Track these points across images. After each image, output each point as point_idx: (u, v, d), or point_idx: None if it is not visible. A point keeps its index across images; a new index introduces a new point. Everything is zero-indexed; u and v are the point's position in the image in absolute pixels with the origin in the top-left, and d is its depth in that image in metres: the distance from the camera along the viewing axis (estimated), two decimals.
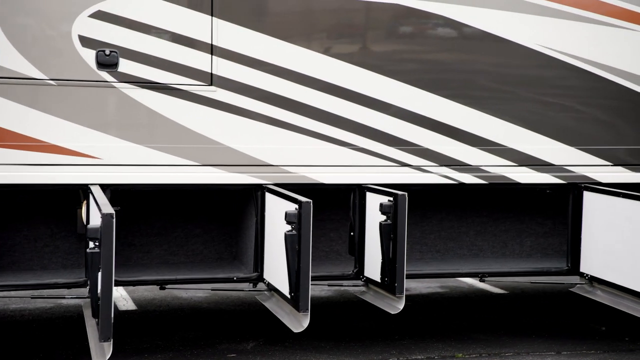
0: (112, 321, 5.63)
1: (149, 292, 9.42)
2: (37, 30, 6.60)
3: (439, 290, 10.08)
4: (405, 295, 9.71)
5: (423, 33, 7.39)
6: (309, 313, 6.36)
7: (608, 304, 7.33)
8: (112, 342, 5.61)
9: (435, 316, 8.95)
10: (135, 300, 9.17)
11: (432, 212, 8.11)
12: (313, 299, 9.26)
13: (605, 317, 8.41)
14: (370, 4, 7.17)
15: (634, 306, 6.97)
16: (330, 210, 7.63)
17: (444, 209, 8.12)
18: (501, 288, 10.16)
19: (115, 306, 9.03)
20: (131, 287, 9.38)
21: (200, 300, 9.24)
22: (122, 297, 9.29)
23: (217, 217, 7.58)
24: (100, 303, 5.59)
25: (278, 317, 6.71)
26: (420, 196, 7.83)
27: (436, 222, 8.09)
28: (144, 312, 8.78)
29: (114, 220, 5.63)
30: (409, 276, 7.41)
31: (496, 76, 7.46)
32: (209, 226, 7.61)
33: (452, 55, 7.45)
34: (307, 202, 6.27)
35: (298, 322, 6.39)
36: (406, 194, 6.79)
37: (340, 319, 8.59)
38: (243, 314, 8.67)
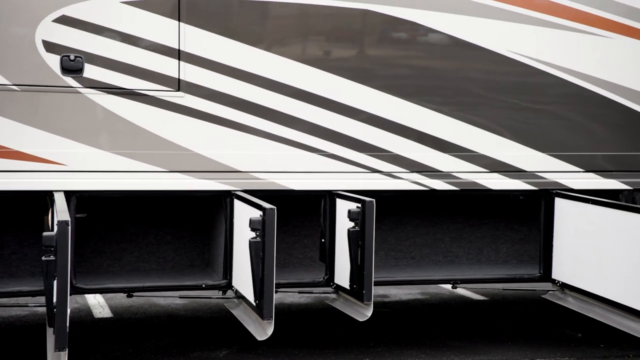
0: (68, 330, 5.38)
1: (127, 299, 9.14)
2: (0, 35, 6.31)
3: (419, 296, 9.85)
4: (384, 302, 9.61)
5: (393, 39, 7.19)
6: (273, 321, 6.13)
7: (578, 311, 7.13)
8: (67, 351, 5.36)
9: (412, 323, 8.75)
10: (112, 308, 8.93)
11: (408, 219, 7.90)
12: (291, 305, 9.10)
13: (582, 324, 8.18)
14: (339, 10, 6.96)
15: (602, 313, 6.78)
16: (305, 216, 7.42)
17: (419, 215, 7.91)
18: (482, 294, 9.94)
19: (91, 313, 8.76)
20: (109, 295, 9.12)
21: (178, 307, 9.00)
22: (99, 305, 9.06)
23: (189, 223, 7.37)
24: (56, 312, 5.34)
25: (244, 324, 6.50)
26: (395, 202, 7.66)
27: (411, 228, 7.87)
28: (120, 320, 8.54)
29: (70, 227, 5.39)
30: (379, 283, 7.26)
31: (467, 82, 7.26)
32: (181, 233, 7.40)
33: (423, 61, 7.24)
34: (271, 208, 6.04)
35: (263, 330, 6.18)
36: (374, 200, 6.56)
37: (317, 326, 8.38)
38: (219, 322, 8.43)
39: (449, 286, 9.72)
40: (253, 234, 6.16)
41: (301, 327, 8.48)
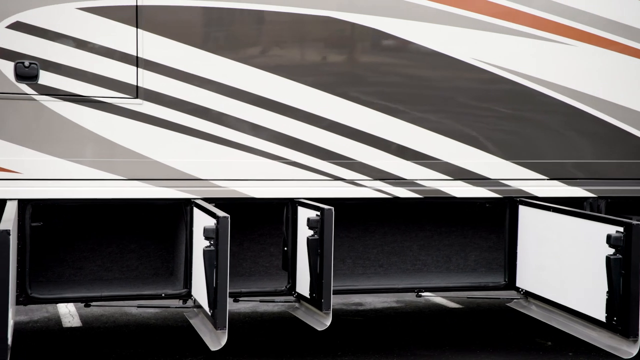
0: (10, 342, 5.10)
1: (98, 308, 8.89)
2: None
3: (394, 305, 9.60)
4: (358, 310, 9.35)
5: (356, 46, 6.95)
6: (227, 331, 5.87)
7: (541, 320, 6.87)
8: None
9: (384, 331, 8.49)
10: (82, 317, 8.67)
11: (375, 227, 7.66)
12: (264, 314, 8.82)
13: (552, 332, 7.92)
14: (301, 17, 6.73)
15: (564, 322, 6.56)
16: (271, 225, 7.18)
17: (387, 223, 7.67)
18: (457, 303, 9.70)
19: (60, 323, 8.50)
20: (81, 304, 8.81)
21: (149, 316, 8.73)
22: (69, 314, 8.80)
23: (153, 232, 7.14)
24: None
25: (200, 334, 6.24)
26: (363, 210, 7.44)
27: (379, 236, 7.63)
28: (89, 329, 8.28)
29: (10, 237, 5.10)
30: (341, 291, 7.06)
31: (430, 90, 7.02)
32: (146, 241, 7.16)
33: (386, 69, 7.02)
34: (225, 217, 5.79)
35: (217, 340, 5.93)
36: (332, 208, 6.31)
37: (288, 334, 8.12)
38: (188, 331, 8.13)
39: (424, 293, 9.51)
40: (207, 243, 5.86)
41: (271, 335, 8.25)
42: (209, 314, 6.00)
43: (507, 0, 7.12)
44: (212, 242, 5.89)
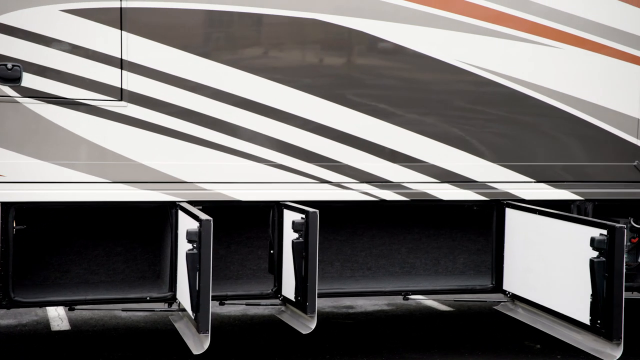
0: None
1: (87, 311, 8.81)
2: None
3: (385, 307, 9.52)
4: (349, 313, 9.27)
5: (340, 48, 6.87)
6: (210, 334, 5.77)
7: (527, 322, 6.80)
8: None
9: (373, 334, 8.42)
10: (71, 320, 8.59)
11: (364, 229, 7.58)
12: (255, 317, 8.74)
13: (542, 335, 7.82)
14: (285, 19, 6.64)
15: (549, 325, 6.50)
16: (259, 228, 7.08)
17: (376, 226, 7.60)
18: (448, 305, 9.62)
19: (49, 326, 8.42)
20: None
21: (139, 319, 8.65)
22: (58, 317, 8.72)
23: (139, 235, 7.06)
24: None
25: (184, 338, 6.17)
26: (351, 213, 7.37)
27: (367, 239, 7.55)
28: (77, 332, 8.20)
29: None
30: (327, 294, 7.02)
31: (416, 92, 6.95)
32: (132, 244, 7.09)
33: (371, 70, 6.93)
34: (207, 220, 5.71)
35: (200, 344, 5.83)
36: (317, 211, 6.24)
37: (277, 337, 8.05)
38: (178, 334, 8.01)
39: (416, 296, 9.48)
40: (189, 246, 5.78)
41: (260, 338, 8.18)
42: (192, 317, 5.91)
43: (496, 4, 7.02)
44: (194, 246, 5.82)
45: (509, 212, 7.00)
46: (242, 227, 7.31)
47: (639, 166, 7.39)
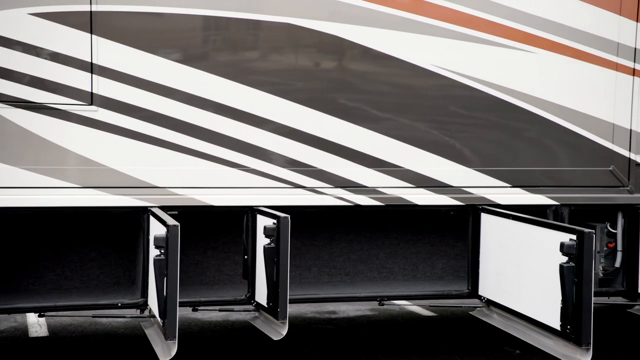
0: None
1: (67, 317, 8.66)
2: None
3: (368, 313, 9.40)
4: (331, 319, 9.14)
5: (316, 53, 6.76)
6: (177, 341, 5.66)
7: (501, 328, 6.68)
8: None
9: (353, 340, 8.29)
10: (50, 326, 8.45)
11: (341, 234, 7.48)
12: (235, 322, 8.62)
13: (521, 340, 7.69)
14: (259, 23, 6.52)
15: (522, 330, 6.40)
16: (236, 233, 6.95)
17: (354, 231, 7.49)
18: (431, 311, 9.48)
19: (26, 332, 8.30)
20: (50, 312, 8.58)
21: (119, 325, 8.52)
22: (37, 323, 8.58)
23: (114, 240, 6.95)
24: None
25: (153, 345, 6.02)
26: (328, 218, 7.25)
27: (345, 244, 7.44)
28: (55, 339, 8.07)
29: None
30: (300, 300, 6.92)
31: (391, 97, 6.84)
32: (106, 250, 6.96)
33: (346, 75, 6.83)
34: (175, 225, 5.59)
35: (168, 350, 5.68)
36: (288, 216, 6.11)
37: (256, 343, 7.92)
38: None
39: (400, 302, 9.36)
40: (157, 252, 5.66)
41: (239, 344, 8.05)
42: (160, 323, 5.78)
43: (470, 8, 6.91)
44: (162, 251, 5.68)
45: (484, 217, 6.88)
46: (219, 232, 7.20)
47: (614, 171, 7.27)
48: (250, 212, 6.73)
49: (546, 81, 7.15)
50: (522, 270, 6.37)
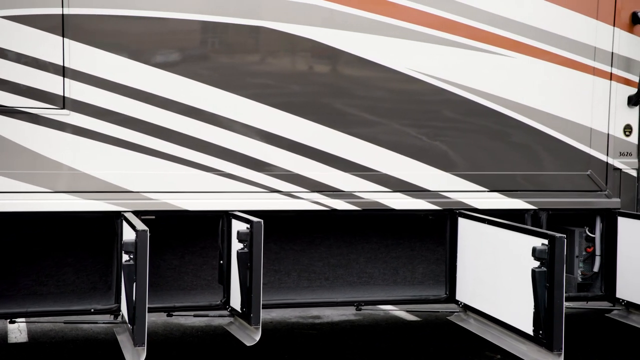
0: None
1: (48, 322, 8.52)
2: None
3: (352, 317, 9.27)
4: (315, 324, 9.02)
5: (291, 57, 6.64)
6: (145, 347, 5.55)
7: (477, 333, 6.57)
8: None
9: (335, 345, 8.14)
10: (30, 332, 8.32)
11: (321, 239, 7.39)
12: (218, 328, 8.48)
13: None
14: (231, 27, 6.43)
15: (498, 335, 6.31)
16: (214, 237, 6.81)
17: (333, 235, 7.39)
18: (416, 315, 9.35)
19: (6, 338, 8.17)
20: (32, 318, 8.42)
21: (100, 331, 8.39)
22: (17, 329, 8.43)
23: (90, 245, 6.82)
24: None
25: (123, 351, 5.90)
26: (307, 222, 7.15)
27: (325, 248, 7.34)
28: (35, 345, 7.94)
29: None
30: (274, 305, 6.85)
31: (368, 101, 6.70)
32: (83, 255, 6.83)
33: (323, 79, 6.73)
34: (144, 230, 5.48)
35: (137, 356, 5.53)
36: (262, 221, 6.00)
37: (237, 348, 7.74)
38: None
39: (385, 306, 9.25)
40: (126, 257, 5.54)
41: (219, 349, 7.91)
42: (130, 329, 5.65)
43: (448, 13, 6.81)
44: (131, 257, 5.55)
45: (461, 221, 6.77)
46: (197, 237, 7.10)
47: (592, 175, 7.16)
48: (225, 217, 6.62)
49: (524, 86, 7.06)
50: (497, 275, 6.26)
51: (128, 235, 5.72)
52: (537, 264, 5.73)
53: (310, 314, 9.48)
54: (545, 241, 5.69)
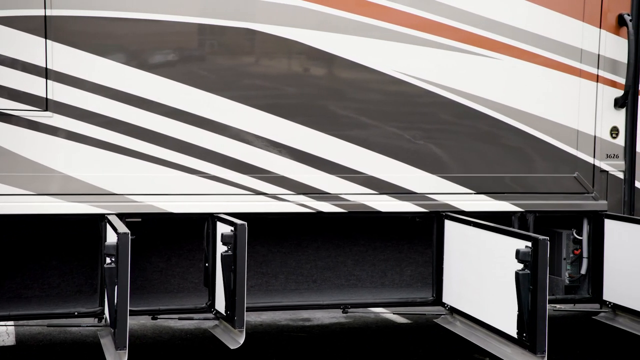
0: None
1: (36, 326, 8.44)
2: None
3: (343, 320, 9.19)
4: (304, 326, 8.93)
5: (276, 58, 6.54)
6: (127, 350, 5.39)
7: (463, 336, 6.50)
8: None
9: (324, 348, 8.07)
10: (18, 335, 8.23)
11: (308, 241, 7.31)
12: (207, 330, 8.33)
13: None
14: (215, 28, 6.35)
15: (483, 338, 6.24)
16: (201, 240, 6.70)
17: (321, 238, 7.31)
18: (406, 318, 9.28)
19: None
20: (21, 322, 8.39)
21: (88, 334, 8.30)
22: (5, 332, 8.35)
23: (76, 248, 6.73)
24: None
25: (106, 355, 5.79)
26: (295, 224, 7.07)
27: (312, 251, 7.26)
28: (22, 348, 7.86)
29: None
30: (258, 308, 6.77)
31: (353, 102, 6.63)
32: (68, 258, 6.73)
33: (308, 80, 6.63)
34: (125, 233, 5.39)
35: None
36: (245, 223, 5.91)
37: (223, 352, 7.64)
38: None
39: (376, 309, 9.16)
40: (108, 260, 5.45)
41: (207, 351, 7.82)
42: (112, 333, 5.56)
43: (432, 14, 6.71)
44: (112, 260, 5.45)
45: (447, 224, 6.69)
46: (183, 240, 7.03)
47: (579, 177, 7.08)
48: (210, 219, 6.53)
49: (510, 88, 6.96)
50: (483, 277, 6.19)
51: (110, 238, 5.62)
52: (520, 266, 5.64)
53: (300, 317, 9.40)
54: (529, 243, 5.61)
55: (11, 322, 8.63)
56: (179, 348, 8.07)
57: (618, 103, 7.19)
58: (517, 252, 5.68)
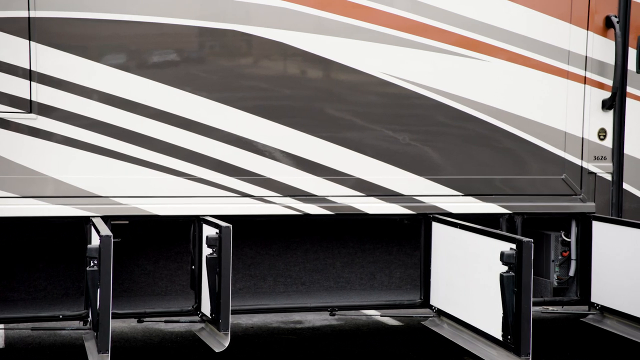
0: None
1: (26, 329, 8.29)
2: None
3: (334, 322, 9.09)
4: (296, 329, 8.82)
5: (263, 60, 6.44)
6: (109, 354, 5.34)
7: (450, 339, 6.40)
8: None
9: (314, 350, 7.97)
10: (8, 338, 8.13)
11: (297, 244, 7.23)
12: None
13: None
14: (202, 30, 6.22)
15: (470, 340, 6.16)
16: (188, 242, 6.60)
17: (309, 240, 7.24)
18: (398, 320, 9.17)
19: None
20: (11, 324, 8.21)
21: (77, 337, 8.18)
22: None
23: (62, 251, 6.66)
24: None
25: (90, 358, 5.66)
26: (284, 227, 7.00)
27: (301, 253, 7.17)
28: (11, 351, 7.75)
29: None
30: (243, 311, 6.62)
31: (341, 104, 6.53)
32: (54, 261, 6.64)
33: (294, 82, 6.54)
34: (107, 236, 5.30)
35: None
36: (230, 226, 5.81)
37: (211, 355, 7.51)
38: (117, 351, 7.56)
39: (367, 311, 9.06)
40: (90, 263, 5.34)
41: (195, 354, 7.71)
42: (94, 336, 5.45)
43: (421, 16, 6.60)
44: (94, 262, 5.34)
45: (435, 226, 6.59)
46: (171, 242, 6.94)
47: (567, 179, 6.97)
48: (197, 222, 6.42)
49: (498, 89, 6.87)
50: (469, 280, 6.10)
51: (95, 240, 5.51)
52: (505, 268, 5.53)
53: (292, 319, 9.30)
54: (513, 246, 5.50)
55: (1, 325, 8.51)
56: (169, 351, 7.96)
57: (606, 105, 7.10)
58: (502, 254, 5.59)
